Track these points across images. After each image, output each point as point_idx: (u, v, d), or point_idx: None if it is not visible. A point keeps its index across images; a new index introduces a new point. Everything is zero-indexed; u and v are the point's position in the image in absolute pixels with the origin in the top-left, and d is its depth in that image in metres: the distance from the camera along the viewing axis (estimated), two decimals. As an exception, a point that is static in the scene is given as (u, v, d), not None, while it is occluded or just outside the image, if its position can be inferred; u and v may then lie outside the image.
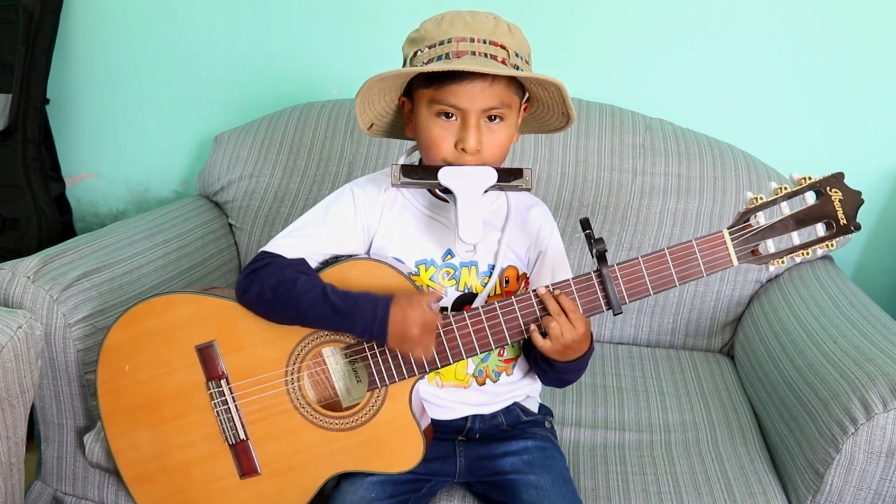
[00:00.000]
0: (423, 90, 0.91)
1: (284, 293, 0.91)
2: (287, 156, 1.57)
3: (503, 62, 0.88)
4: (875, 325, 1.12)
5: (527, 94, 0.96)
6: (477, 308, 0.90)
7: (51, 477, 1.21)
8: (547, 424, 1.07)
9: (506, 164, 0.95)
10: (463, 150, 0.90)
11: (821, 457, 0.98)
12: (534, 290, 0.90)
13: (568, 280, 0.89)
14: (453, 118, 0.90)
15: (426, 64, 0.88)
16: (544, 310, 0.89)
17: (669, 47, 1.56)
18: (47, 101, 1.73)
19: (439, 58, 0.87)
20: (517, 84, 0.93)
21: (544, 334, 0.89)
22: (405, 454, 0.94)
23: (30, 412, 1.05)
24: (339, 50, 1.68)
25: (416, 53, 0.90)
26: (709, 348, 1.48)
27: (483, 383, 1.01)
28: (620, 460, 1.11)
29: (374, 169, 1.49)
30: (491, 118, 0.91)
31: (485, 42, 0.88)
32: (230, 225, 1.61)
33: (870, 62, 1.50)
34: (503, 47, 0.89)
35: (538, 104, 0.97)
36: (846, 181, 0.83)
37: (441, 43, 0.88)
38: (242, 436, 0.98)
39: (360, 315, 0.88)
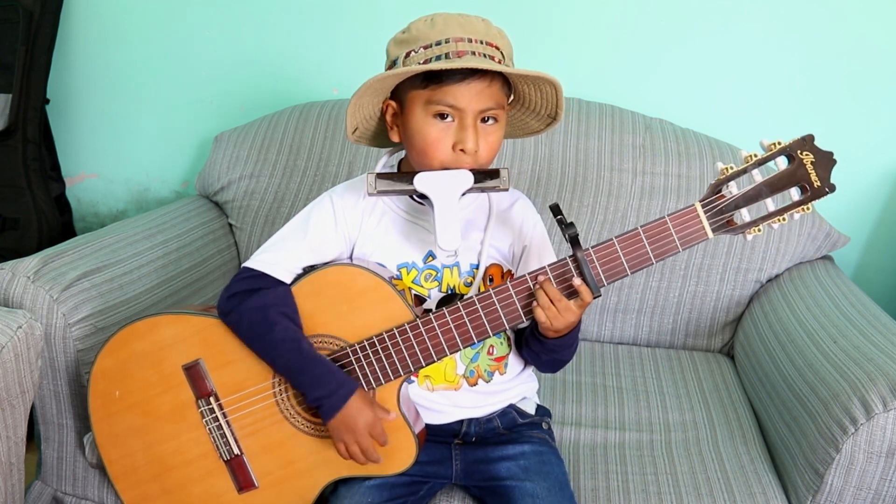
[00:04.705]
0: (417, 91, 0.89)
1: (261, 335, 0.93)
2: (287, 156, 1.57)
3: (499, 63, 0.88)
4: (875, 325, 1.12)
5: (510, 97, 0.95)
6: (471, 297, 0.90)
7: (51, 477, 1.21)
8: (544, 426, 1.06)
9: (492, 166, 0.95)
10: (462, 151, 0.89)
11: (821, 457, 0.98)
12: (530, 273, 0.89)
13: (544, 267, 0.88)
14: (449, 119, 0.89)
15: (423, 64, 0.87)
16: (531, 296, 0.89)
17: (669, 47, 1.56)
18: (47, 101, 1.73)
19: (438, 57, 0.86)
20: (508, 86, 0.93)
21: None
22: (398, 455, 0.94)
23: (30, 412, 1.05)
24: (340, 50, 1.68)
25: (408, 54, 0.89)
26: (709, 348, 1.48)
27: (475, 384, 1.01)
28: (620, 460, 1.11)
29: (375, 168, 1.49)
30: (484, 120, 0.90)
31: (482, 43, 0.88)
32: (230, 225, 1.61)
33: (870, 62, 1.50)
34: (497, 48, 0.89)
35: (522, 106, 0.97)
36: (831, 154, 0.82)
37: (438, 43, 0.87)
38: (237, 451, 0.98)
39: (323, 384, 0.90)
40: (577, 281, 0.86)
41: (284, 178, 1.56)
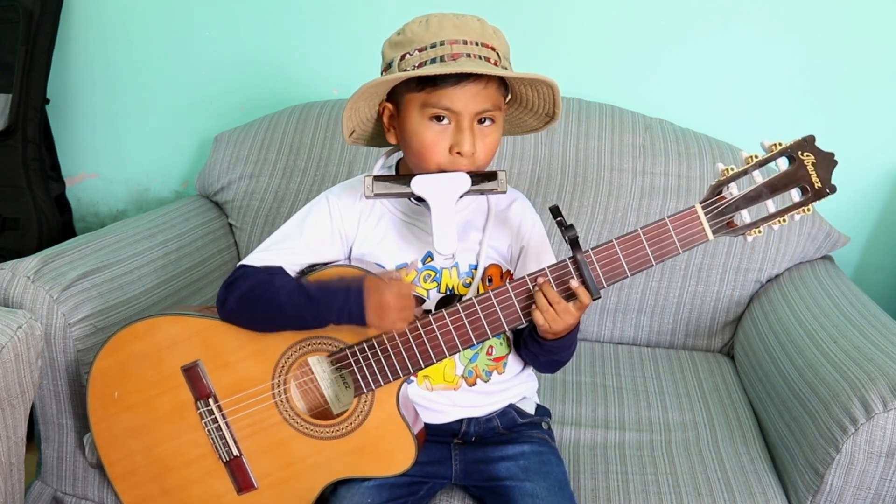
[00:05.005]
0: (413, 94, 0.89)
1: (262, 293, 0.91)
2: (287, 156, 1.57)
3: (495, 64, 0.88)
4: (875, 325, 1.12)
5: (508, 96, 0.95)
6: (470, 299, 0.90)
7: (51, 477, 1.21)
8: (544, 426, 1.06)
9: (490, 166, 0.95)
10: (458, 153, 0.89)
11: (821, 457, 0.98)
12: (529, 275, 0.89)
13: (544, 268, 0.88)
14: (445, 122, 0.89)
15: (418, 67, 0.86)
16: (530, 297, 0.89)
17: (669, 47, 1.56)
18: (47, 101, 1.73)
19: (433, 60, 0.86)
20: (504, 86, 0.92)
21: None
22: (397, 456, 0.94)
23: (30, 412, 1.05)
24: (339, 50, 1.68)
25: (403, 56, 0.88)
26: (709, 348, 1.48)
27: (473, 383, 1.01)
28: (620, 460, 1.11)
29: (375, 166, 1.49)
30: (481, 121, 0.90)
31: (477, 44, 0.87)
32: (230, 225, 1.61)
33: (871, 62, 1.50)
34: (493, 49, 0.89)
35: (520, 105, 0.97)
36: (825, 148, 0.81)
37: (433, 45, 0.86)
38: (236, 452, 0.98)
39: (336, 296, 0.88)
40: (574, 283, 0.86)
41: (284, 178, 1.56)
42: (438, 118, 0.89)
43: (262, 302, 0.91)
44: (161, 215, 1.46)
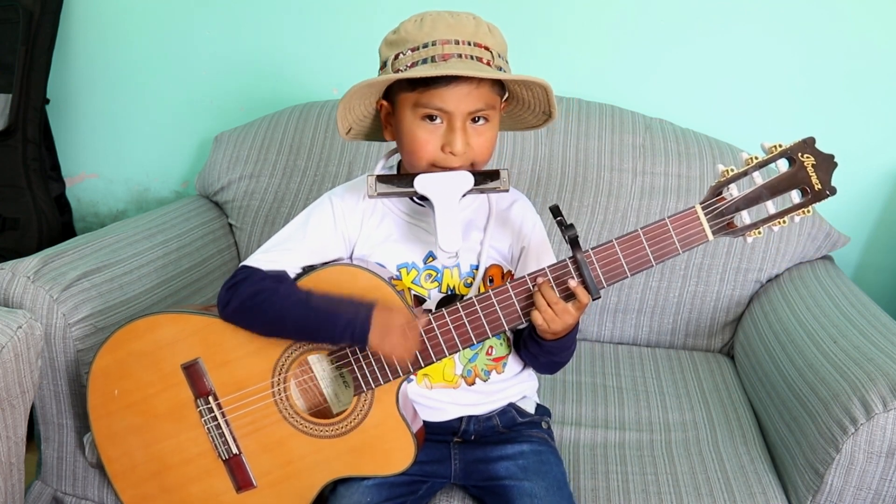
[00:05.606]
0: (406, 94, 0.89)
1: (265, 301, 0.91)
2: (287, 156, 1.57)
3: (488, 63, 0.88)
4: (875, 325, 1.12)
5: (506, 94, 0.95)
6: (471, 298, 0.90)
7: (51, 477, 1.21)
8: (544, 425, 1.06)
9: (490, 165, 0.95)
10: (450, 152, 0.89)
11: (821, 457, 0.98)
12: (529, 275, 0.89)
13: (544, 268, 0.88)
14: (438, 121, 0.89)
15: (410, 67, 0.87)
16: (530, 297, 0.89)
17: (669, 47, 1.56)
18: (47, 101, 1.73)
19: (424, 61, 0.86)
20: (500, 85, 0.92)
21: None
22: (396, 456, 0.94)
23: (30, 412, 1.05)
24: (339, 50, 1.68)
25: (397, 56, 0.89)
26: (709, 348, 1.48)
27: (472, 383, 1.01)
28: (620, 460, 1.11)
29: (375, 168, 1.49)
30: (475, 120, 0.90)
31: (469, 44, 0.87)
32: (230, 225, 1.61)
33: (871, 62, 1.50)
34: (486, 48, 0.88)
35: (518, 103, 0.97)
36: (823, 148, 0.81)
37: (425, 45, 0.87)
38: (235, 450, 0.98)
39: (342, 316, 0.88)
40: (573, 283, 0.86)
41: (284, 178, 1.56)
42: (431, 117, 0.89)
43: (264, 308, 0.91)
44: (161, 215, 1.46)
